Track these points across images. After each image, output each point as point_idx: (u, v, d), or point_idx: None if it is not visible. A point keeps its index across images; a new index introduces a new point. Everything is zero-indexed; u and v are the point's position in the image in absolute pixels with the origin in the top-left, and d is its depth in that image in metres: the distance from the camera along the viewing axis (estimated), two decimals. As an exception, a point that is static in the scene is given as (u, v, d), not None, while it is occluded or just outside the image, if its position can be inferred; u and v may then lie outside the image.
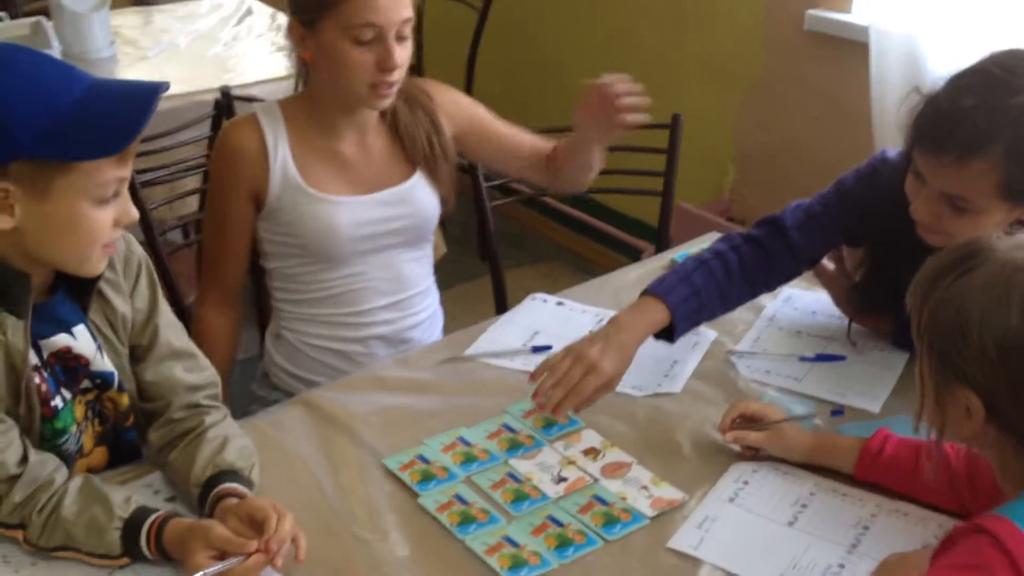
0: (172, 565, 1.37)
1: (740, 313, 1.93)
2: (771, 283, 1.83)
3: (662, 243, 2.48)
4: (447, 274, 2.26)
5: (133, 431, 1.53)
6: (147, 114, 1.29)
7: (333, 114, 1.86)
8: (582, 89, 1.81)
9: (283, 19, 3.69)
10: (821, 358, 1.81)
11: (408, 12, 1.76)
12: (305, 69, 1.87)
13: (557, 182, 2.05)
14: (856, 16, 2.93)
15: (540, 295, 2.02)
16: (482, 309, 2.38)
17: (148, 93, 1.31)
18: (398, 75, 1.78)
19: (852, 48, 2.90)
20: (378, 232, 1.90)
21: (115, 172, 1.32)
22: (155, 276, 1.52)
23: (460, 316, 2.21)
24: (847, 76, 2.96)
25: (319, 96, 1.86)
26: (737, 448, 1.57)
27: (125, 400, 1.49)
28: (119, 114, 1.29)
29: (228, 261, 1.91)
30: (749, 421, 1.55)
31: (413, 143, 1.91)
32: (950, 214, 1.53)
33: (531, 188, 2.65)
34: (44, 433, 1.41)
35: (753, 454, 1.55)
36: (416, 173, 1.92)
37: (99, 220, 1.33)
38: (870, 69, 2.77)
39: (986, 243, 1.14)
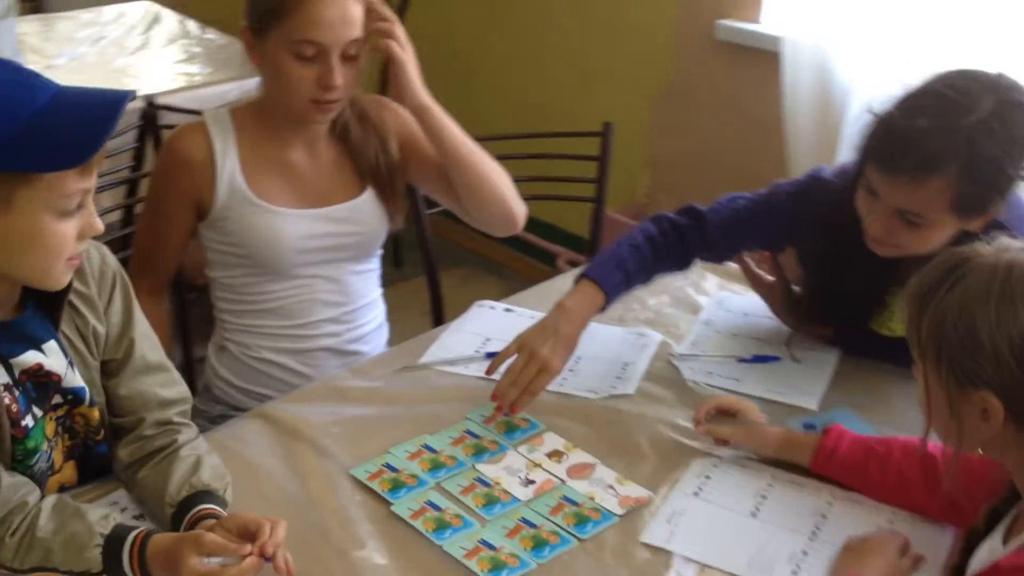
0: (152, 582, 1.36)
1: (680, 315, 2.01)
2: (688, 268, 1.94)
3: (595, 247, 2.54)
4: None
5: (104, 445, 1.51)
6: (111, 124, 1.26)
7: (282, 123, 1.86)
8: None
9: (193, 25, 3.66)
10: (757, 359, 1.89)
11: (355, 32, 1.76)
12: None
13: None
14: (766, 26, 3.05)
15: (487, 302, 2.05)
16: (408, 316, 2.38)
17: (113, 102, 1.28)
18: (340, 94, 1.78)
19: (763, 57, 3.01)
20: (325, 246, 1.90)
21: (79, 184, 1.28)
22: (130, 288, 1.50)
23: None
24: (758, 84, 3.07)
25: (270, 104, 1.86)
26: (697, 444, 1.63)
27: (96, 415, 1.47)
28: (83, 124, 1.26)
29: (162, 256, 1.93)
30: (723, 414, 1.61)
31: (363, 160, 1.92)
32: (903, 228, 1.61)
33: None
34: (15, 454, 1.38)
35: (720, 447, 1.62)
36: (367, 190, 1.93)
37: (62, 233, 1.30)
38: (781, 78, 2.88)
39: (971, 251, 1.19)
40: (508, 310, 2.03)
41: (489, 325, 1.97)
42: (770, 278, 1.97)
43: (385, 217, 1.95)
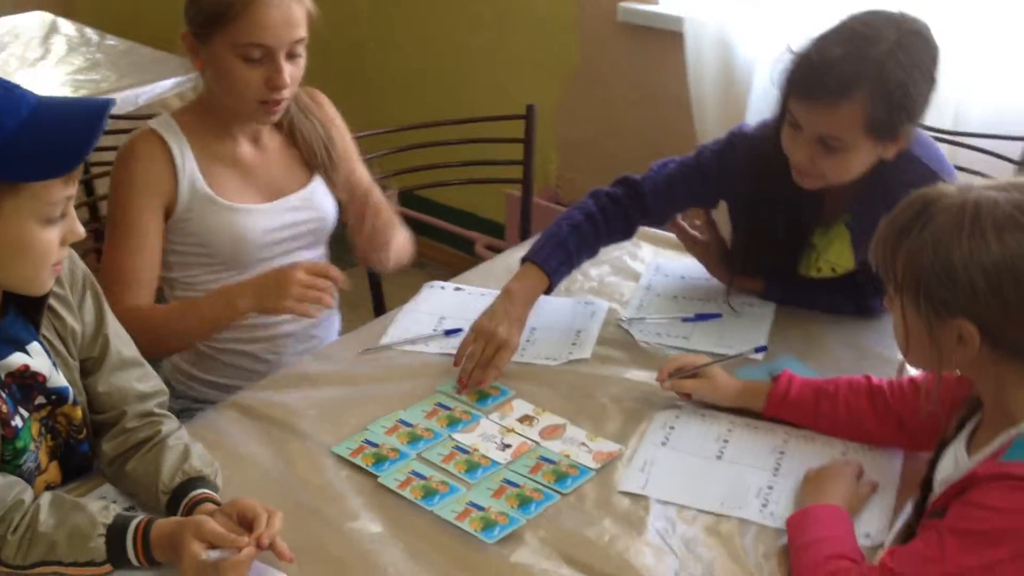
0: (156, 570, 1.39)
1: (623, 282, 2.11)
2: (630, 235, 2.05)
3: (526, 228, 2.62)
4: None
5: (85, 443, 1.53)
6: (96, 132, 1.30)
7: (228, 120, 1.89)
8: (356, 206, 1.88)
9: (91, 33, 3.61)
10: (701, 317, 2.00)
11: (300, 32, 1.80)
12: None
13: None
14: (665, 7, 3.17)
15: (437, 283, 2.12)
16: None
17: (96, 111, 1.31)
18: (287, 93, 1.83)
19: (665, 37, 3.13)
20: (285, 236, 1.95)
21: (63, 192, 1.32)
22: (99, 288, 1.53)
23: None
24: (662, 64, 3.20)
25: (213, 102, 1.88)
26: (658, 399, 1.73)
27: (79, 414, 1.50)
28: (67, 133, 1.29)
29: (150, 270, 1.86)
30: (683, 371, 1.72)
31: (310, 149, 1.97)
32: (824, 155, 1.75)
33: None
34: (5, 454, 1.40)
35: (689, 398, 1.72)
36: (315, 178, 1.98)
37: (48, 240, 1.33)
38: (686, 57, 3.00)
39: (937, 192, 1.30)
40: (458, 289, 2.10)
41: (441, 304, 2.04)
42: (704, 238, 2.09)
43: (334, 201, 2.00)
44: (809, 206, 1.90)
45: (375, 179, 2.09)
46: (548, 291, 1.91)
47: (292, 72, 1.82)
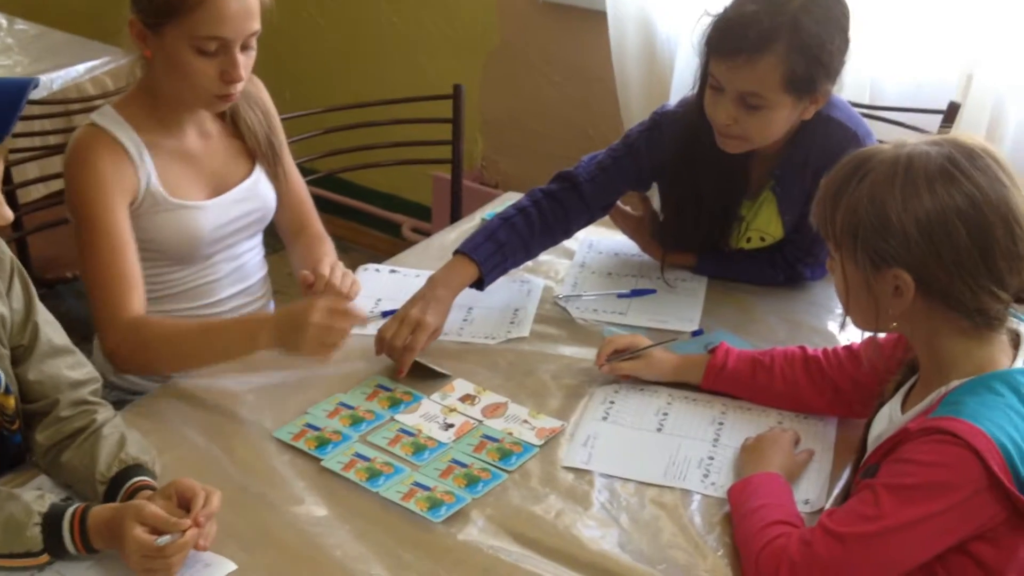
0: (93, 559, 1.37)
1: (558, 260, 2.13)
2: (569, 231, 2.04)
3: (456, 209, 2.62)
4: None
5: (18, 435, 1.50)
6: (17, 111, 1.27)
7: (175, 110, 1.84)
8: (301, 280, 1.84)
9: (0, 18, 3.50)
10: (636, 293, 2.02)
11: (256, 24, 1.76)
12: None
13: (287, 251, 2.08)
14: (588, -14, 3.18)
15: (372, 265, 2.11)
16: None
17: (16, 90, 1.28)
18: (241, 85, 1.79)
19: (587, 15, 3.14)
20: (233, 229, 1.91)
21: None
22: (26, 275, 1.49)
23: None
24: (585, 42, 3.21)
25: (159, 93, 1.82)
26: (602, 382, 1.74)
27: (11, 403, 1.46)
28: None
29: (136, 277, 1.76)
30: (620, 353, 1.73)
31: (255, 139, 1.93)
32: (746, 114, 1.79)
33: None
34: (-65, 448, 1.36)
35: (627, 377, 1.74)
36: (256, 167, 1.95)
37: None
38: (608, 35, 3.02)
39: (870, 150, 1.34)
40: (393, 271, 2.09)
41: (378, 286, 2.03)
42: (637, 214, 2.11)
43: (273, 190, 1.98)
44: (735, 176, 1.94)
45: (297, 163, 2.07)
46: (480, 283, 1.90)
47: (245, 64, 1.77)
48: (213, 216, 1.87)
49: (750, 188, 1.98)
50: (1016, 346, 1.34)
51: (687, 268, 2.07)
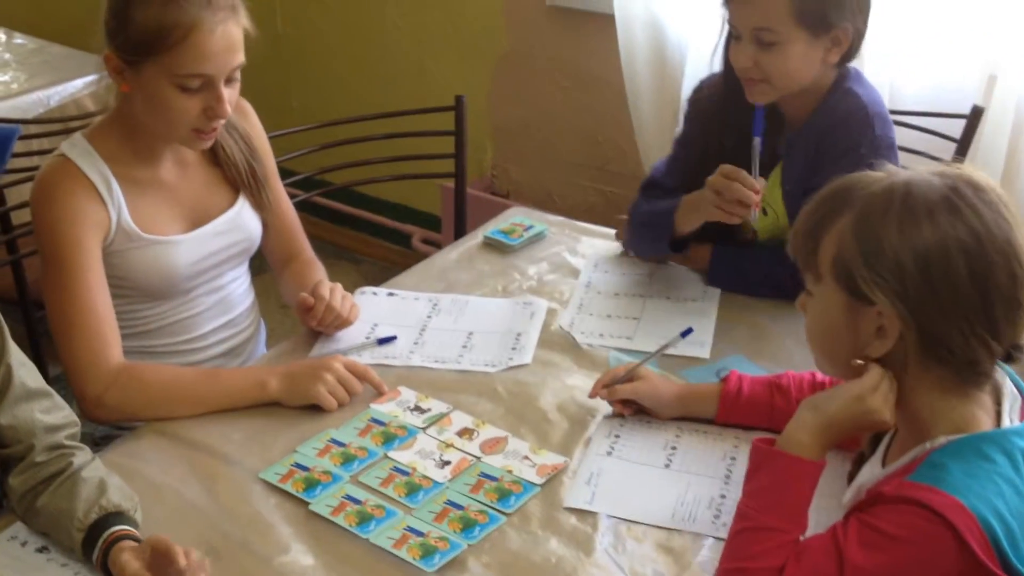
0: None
1: (562, 280, 2.04)
2: None
3: (460, 221, 2.53)
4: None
5: (-7, 481, 1.43)
6: (5, 157, 1.22)
7: (150, 142, 1.76)
8: (298, 303, 1.83)
9: (16, 36, 3.44)
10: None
11: (241, 57, 1.68)
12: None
13: (277, 280, 2.03)
14: (595, -11, 3.09)
15: (369, 288, 2.02)
16: (267, 309, 2.30)
17: (3, 137, 1.23)
18: (223, 120, 1.71)
19: (596, 20, 3.05)
20: (213, 263, 1.84)
21: None
22: None
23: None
24: (594, 47, 3.12)
25: (134, 124, 1.73)
26: (608, 411, 1.65)
27: (-16, 449, 1.39)
28: None
29: (111, 315, 1.70)
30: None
31: (235, 168, 1.85)
32: (762, 53, 1.79)
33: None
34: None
35: (630, 410, 1.64)
36: (240, 197, 1.87)
37: None
38: (617, 39, 2.93)
39: (857, 176, 1.23)
40: (391, 294, 2.00)
41: (374, 311, 1.94)
42: None
43: (258, 220, 1.90)
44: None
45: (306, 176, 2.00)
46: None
47: (230, 97, 1.69)
48: (190, 250, 1.79)
49: (775, 158, 1.92)
50: (998, 400, 1.22)
51: (700, 272, 2.00)
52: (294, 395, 1.67)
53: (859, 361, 1.24)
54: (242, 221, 1.87)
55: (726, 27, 1.88)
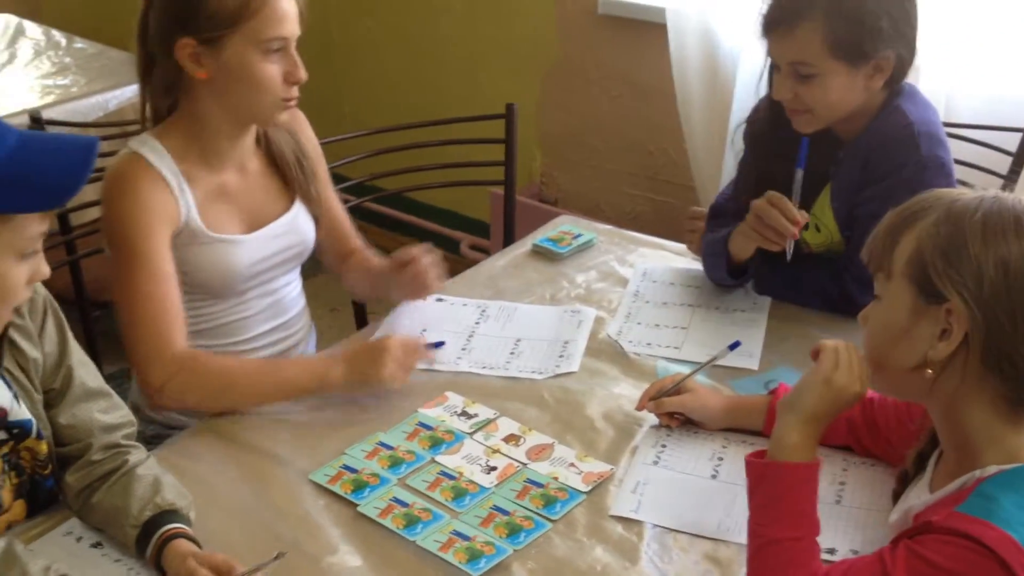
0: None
1: (611, 289, 2.04)
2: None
3: (509, 230, 2.55)
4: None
5: (51, 479, 1.46)
6: (89, 168, 1.28)
7: (218, 141, 1.79)
8: (393, 259, 1.89)
9: (59, 36, 3.52)
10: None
11: (301, 27, 1.76)
12: (165, 97, 1.78)
13: (341, 277, 2.08)
14: (647, -2, 3.09)
15: (417, 295, 2.04)
16: (318, 313, 2.33)
17: (85, 148, 1.30)
18: (302, 82, 1.77)
19: (648, 28, 3.05)
20: (270, 265, 1.87)
21: (40, 227, 1.30)
22: (61, 315, 1.46)
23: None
24: (645, 55, 3.12)
25: (204, 122, 1.77)
26: (655, 421, 1.65)
27: (44, 448, 1.42)
28: (59, 168, 1.27)
29: (178, 311, 1.72)
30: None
31: (289, 169, 1.89)
32: (801, 85, 1.80)
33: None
34: (-38, 495, 1.33)
35: (676, 422, 1.64)
36: (296, 201, 1.91)
37: (18, 276, 1.29)
38: (668, 48, 2.93)
39: (948, 191, 1.23)
40: (439, 299, 2.02)
41: (423, 316, 1.96)
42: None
43: (312, 225, 1.93)
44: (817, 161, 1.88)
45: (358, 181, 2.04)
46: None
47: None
48: (251, 251, 1.82)
49: (826, 176, 1.92)
50: None
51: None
52: (358, 381, 1.69)
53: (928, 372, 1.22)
54: (298, 225, 1.90)
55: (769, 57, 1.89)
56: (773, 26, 1.81)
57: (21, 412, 1.38)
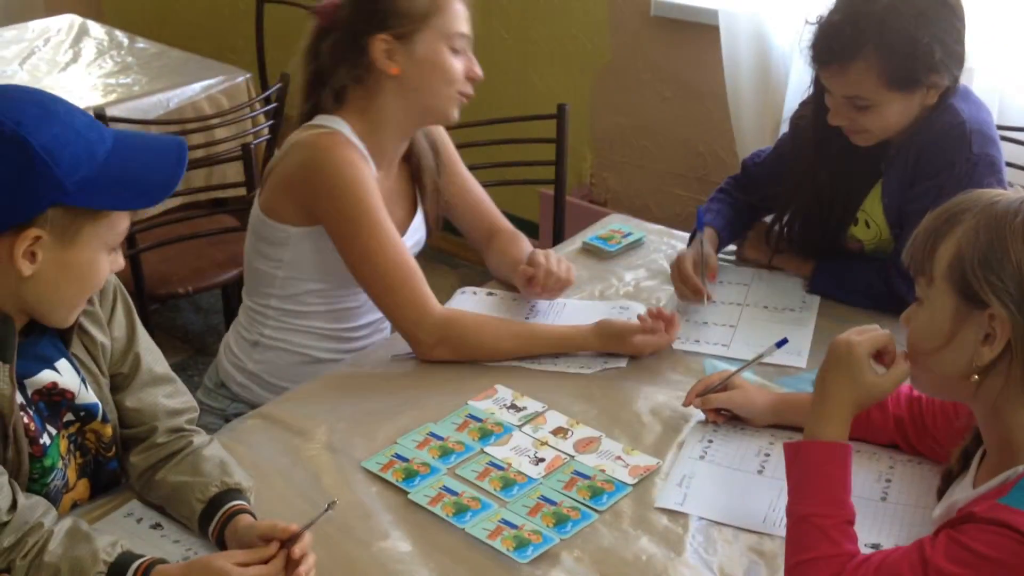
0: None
1: (658, 287, 2.06)
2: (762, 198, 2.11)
3: (558, 229, 2.57)
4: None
5: (114, 461, 1.51)
6: (183, 167, 1.34)
7: (390, 140, 1.89)
8: (520, 272, 1.97)
9: (121, 36, 3.60)
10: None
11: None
12: (337, 92, 1.85)
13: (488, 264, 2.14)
14: (700, 0, 3.10)
15: (469, 288, 2.08)
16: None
17: (178, 147, 1.36)
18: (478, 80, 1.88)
19: (700, 30, 3.07)
20: None
21: (126, 223, 1.36)
22: (130, 302, 1.51)
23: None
24: (697, 57, 3.14)
25: (384, 119, 1.86)
26: (702, 416, 1.67)
27: (108, 431, 1.47)
28: (153, 167, 1.33)
29: (425, 280, 1.84)
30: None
31: (425, 180, 1.98)
32: (857, 113, 1.82)
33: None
34: (32, 473, 1.38)
35: (723, 419, 1.66)
36: (419, 210, 1.99)
37: (104, 268, 1.36)
38: (721, 49, 2.94)
39: (988, 192, 1.24)
40: (490, 293, 2.06)
41: (475, 310, 1.99)
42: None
43: (424, 231, 2.03)
44: (866, 160, 1.92)
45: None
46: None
47: None
48: None
49: (878, 172, 1.95)
50: None
51: (800, 275, 2.03)
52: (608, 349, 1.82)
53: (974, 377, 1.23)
54: (418, 231, 2.01)
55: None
56: (826, 64, 1.81)
57: (88, 396, 1.43)
